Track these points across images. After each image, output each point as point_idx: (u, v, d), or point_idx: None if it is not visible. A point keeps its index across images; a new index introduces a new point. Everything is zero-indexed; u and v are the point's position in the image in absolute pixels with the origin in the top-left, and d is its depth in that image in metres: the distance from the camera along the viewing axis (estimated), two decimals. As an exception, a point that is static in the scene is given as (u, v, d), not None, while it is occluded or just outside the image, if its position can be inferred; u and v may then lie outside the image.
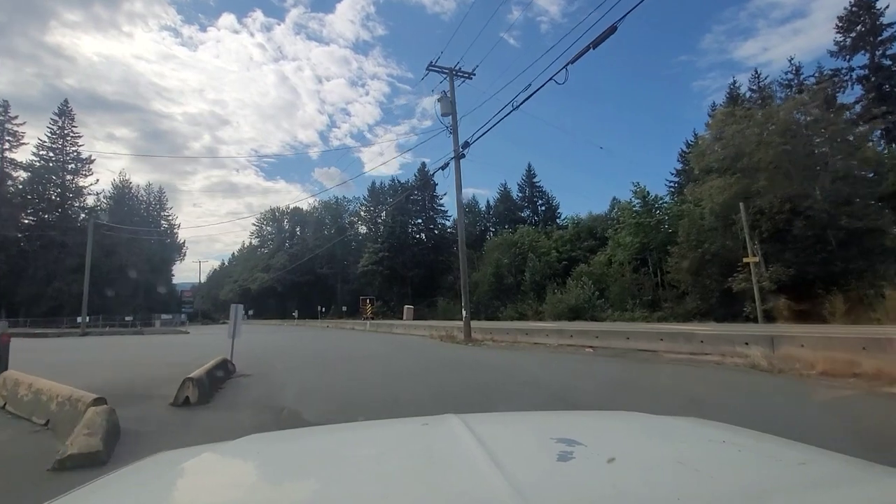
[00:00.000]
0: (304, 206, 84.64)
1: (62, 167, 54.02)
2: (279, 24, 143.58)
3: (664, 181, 51.04)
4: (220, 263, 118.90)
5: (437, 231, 62.58)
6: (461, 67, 15.69)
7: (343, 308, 55.83)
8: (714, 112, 42.02)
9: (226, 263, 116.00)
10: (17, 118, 50.19)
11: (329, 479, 0.96)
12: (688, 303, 27.79)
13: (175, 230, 69.86)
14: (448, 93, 15.25)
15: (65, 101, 55.61)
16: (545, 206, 64.42)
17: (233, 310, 9.49)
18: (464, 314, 14.80)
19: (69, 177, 54.43)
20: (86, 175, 55.83)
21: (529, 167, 64.23)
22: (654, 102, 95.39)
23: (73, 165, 54.88)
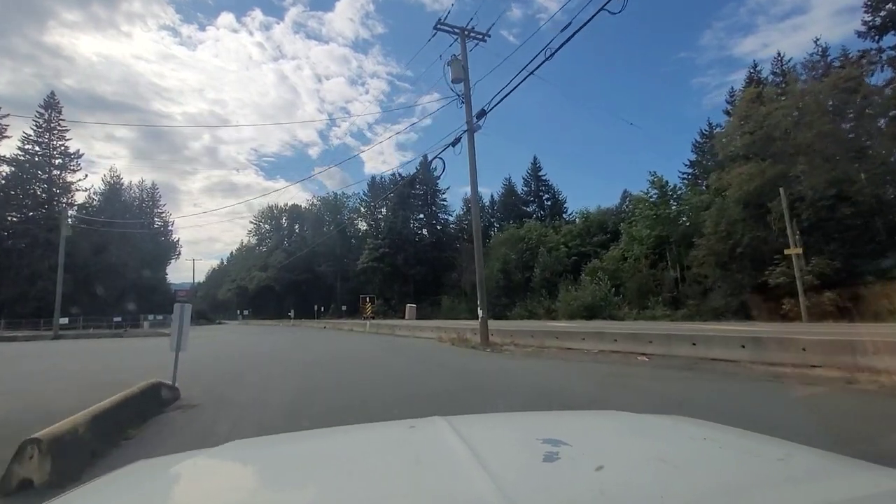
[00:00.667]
0: (303, 203, 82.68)
1: (48, 162, 51.79)
2: (278, 23, 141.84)
3: (677, 173, 48.76)
4: (219, 263, 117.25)
5: (440, 227, 60.37)
6: (474, 27, 13.49)
7: (342, 307, 53.67)
8: (740, 94, 39.88)
9: (224, 263, 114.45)
10: None
11: (314, 484, 0.97)
12: (714, 299, 25.58)
13: (170, 227, 67.70)
14: (459, 56, 13.05)
15: (51, 94, 53.38)
16: (551, 201, 62.22)
17: (177, 310, 6.53)
18: (480, 314, 12.61)
19: (56, 172, 52.23)
20: (74, 170, 53.61)
21: (535, 160, 61.94)
22: (654, 99, 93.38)
23: (61, 160, 52.65)
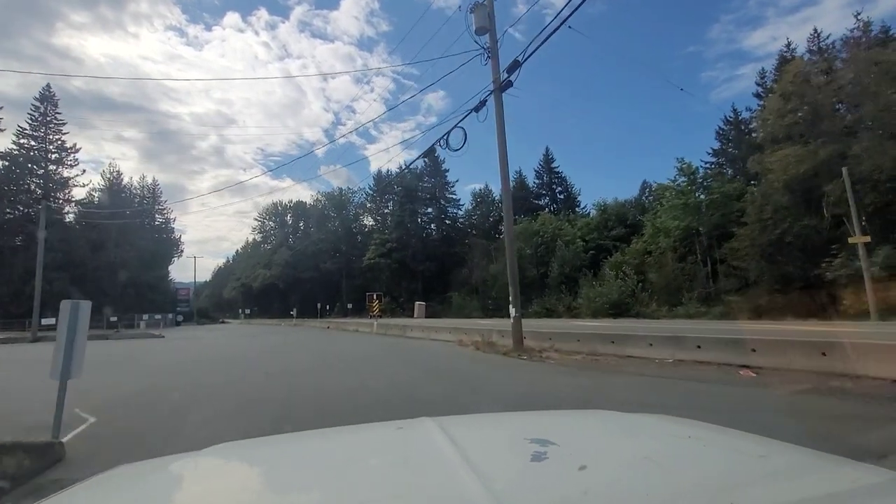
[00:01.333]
0: (308, 200, 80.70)
1: (44, 157, 50.13)
2: (284, 22, 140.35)
3: (700, 162, 46.04)
4: (225, 261, 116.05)
5: (449, 222, 58.05)
6: (501, -33, 11.14)
7: (348, 305, 51.52)
8: (772, 74, 37.18)
9: (230, 261, 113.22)
10: (-7, 103, 46.25)
11: (302, 485, 0.96)
12: (757, 294, 23.09)
13: (171, 224, 66.01)
14: (485, 1, 10.75)
15: (47, 86, 51.66)
16: (564, 194, 59.75)
17: (64, 310, 4.06)
18: (512, 313, 10.33)
19: (52, 167, 50.55)
20: (71, 165, 51.94)
21: (547, 151, 59.47)
22: (661, 93, 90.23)
23: (57, 155, 50.98)
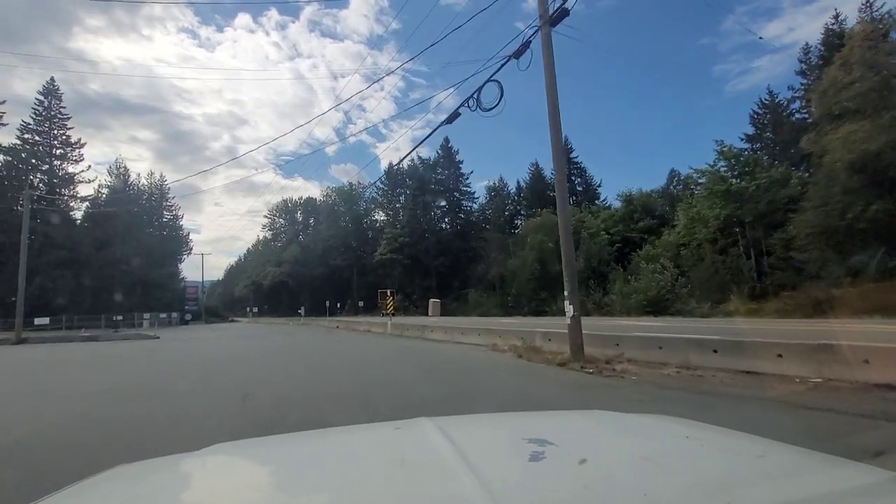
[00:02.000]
0: (318, 196, 79.06)
1: (49, 152, 48.94)
2: (294, 22, 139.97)
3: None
4: (237, 259, 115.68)
5: (463, 215, 55.70)
6: None
7: (359, 303, 49.53)
8: (816, 48, 34.14)
9: (242, 259, 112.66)
10: (-5, 97, 45.08)
11: (298, 486, 0.95)
12: (817, 288, 20.33)
13: (179, 221, 64.70)
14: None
15: (51, 80, 50.48)
16: (583, 186, 57.02)
17: None
18: (569, 312, 8.01)
19: (57, 162, 49.36)
20: (76, 161, 50.71)
21: (566, 140, 56.57)
22: (673, 87, 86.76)
23: (61, 150, 49.78)
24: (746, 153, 39.75)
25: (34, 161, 47.76)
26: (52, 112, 49.52)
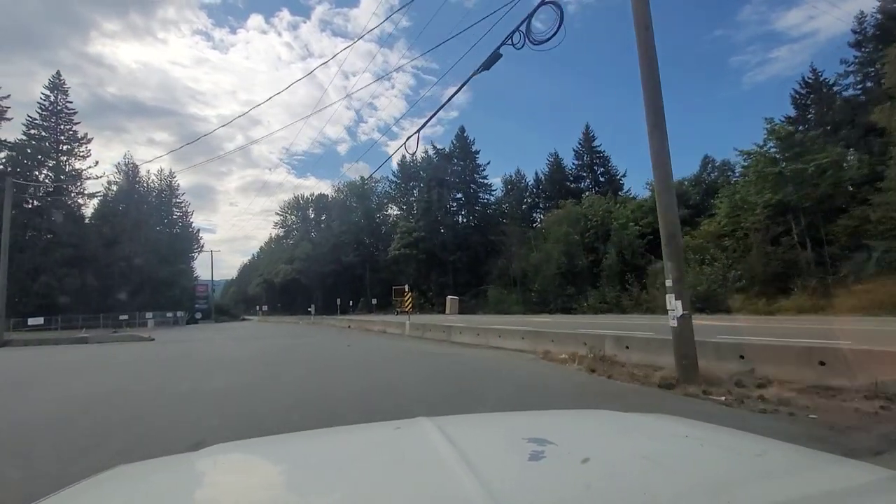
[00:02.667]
0: (329, 192, 77.24)
1: (55, 148, 47.78)
2: (305, 22, 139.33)
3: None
4: (251, 258, 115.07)
5: (479, 207, 53.19)
6: None
7: (372, 301, 47.50)
8: (872, 18, 30.85)
9: (255, 258, 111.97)
10: None
11: (298, 486, 0.96)
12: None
13: (189, 218, 63.42)
14: None
15: (56, 73, 49.34)
16: (606, 176, 53.96)
17: None
18: (674, 309, 5.67)
19: (63, 158, 48.17)
20: (83, 157, 49.46)
21: (588, 128, 53.67)
22: (690, 78, 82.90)
23: (68, 146, 48.59)
24: (800, 132, 36.49)
25: (40, 157, 46.59)
26: (59, 107, 48.37)
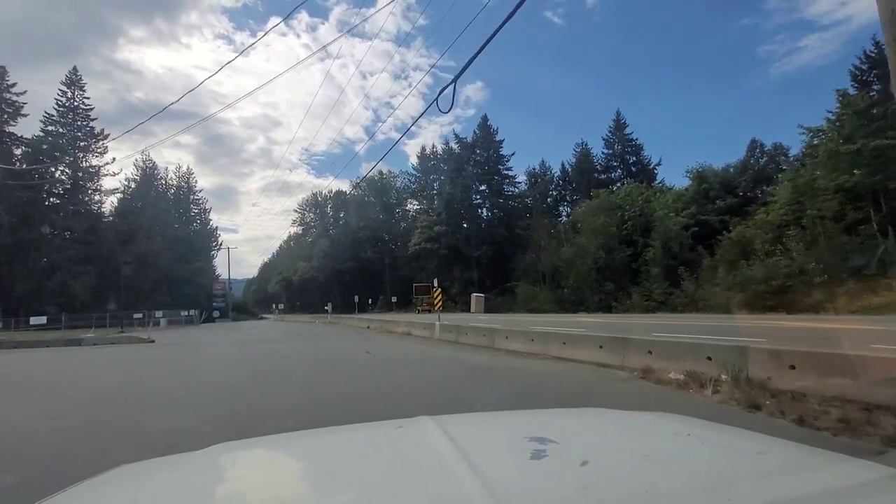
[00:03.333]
0: (347, 188, 75.75)
1: (72, 144, 47.16)
2: (323, 24, 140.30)
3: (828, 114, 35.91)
4: (270, 256, 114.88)
5: (503, 200, 50.49)
6: None
7: (392, 299, 45.44)
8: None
9: (275, 256, 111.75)
10: (16, 86, 43.33)
11: (300, 485, 0.98)
12: None
13: (207, 215, 62.62)
14: None
15: (73, 69, 48.69)
16: (638, 166, 50.56)
17: None
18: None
19: (80, 154, 47.50)
20: (100, 153, 48.72)
21: (618, 115, 50.48)
22: (712, 69, 78.49)
23: (85, 142, 47.93)
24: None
25: (56, 153, 45.97)
26: (76, 103, 47.72)
